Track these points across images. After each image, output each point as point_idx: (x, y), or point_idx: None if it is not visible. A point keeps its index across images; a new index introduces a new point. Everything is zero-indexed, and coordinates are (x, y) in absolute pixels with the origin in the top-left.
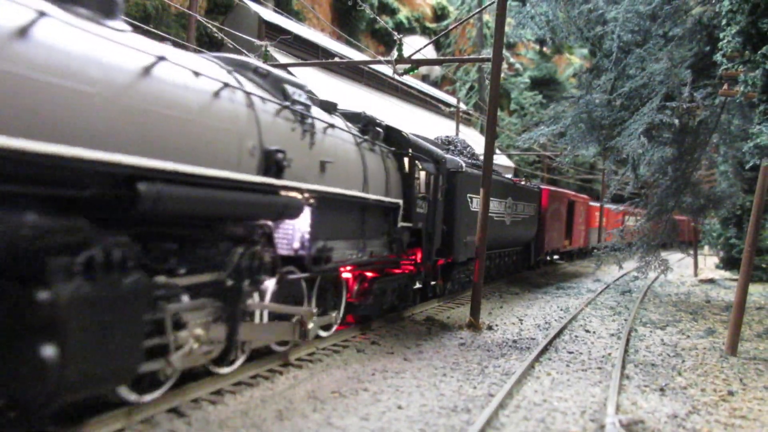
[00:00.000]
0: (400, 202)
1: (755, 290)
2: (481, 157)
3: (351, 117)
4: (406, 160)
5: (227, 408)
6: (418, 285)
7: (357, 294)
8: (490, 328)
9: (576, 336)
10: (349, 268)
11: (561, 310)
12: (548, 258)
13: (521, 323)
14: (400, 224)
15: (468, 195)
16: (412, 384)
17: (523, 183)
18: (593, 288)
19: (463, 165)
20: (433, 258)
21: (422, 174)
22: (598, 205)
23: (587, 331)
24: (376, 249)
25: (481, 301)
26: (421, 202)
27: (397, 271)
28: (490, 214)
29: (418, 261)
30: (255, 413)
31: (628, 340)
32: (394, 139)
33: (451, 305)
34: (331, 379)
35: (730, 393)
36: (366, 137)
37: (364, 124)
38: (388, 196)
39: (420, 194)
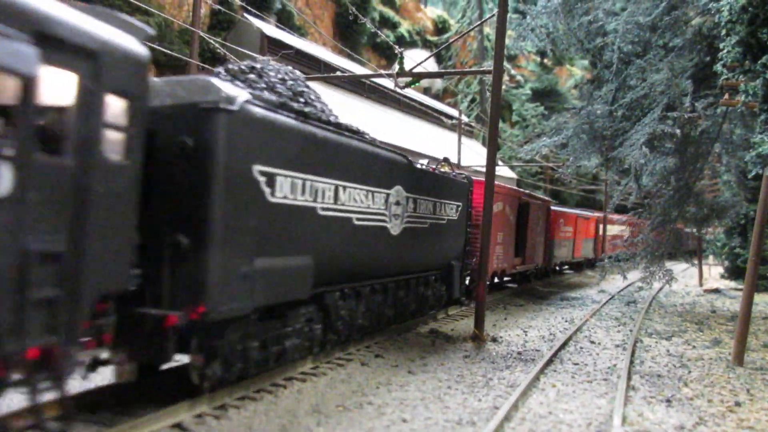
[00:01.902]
0: None
1: (761, 300)
2: (317, 104)
3: None
4: None
5: (231, 422)
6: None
7: None
8: (494, 340)
9: (581, 347)
10: None
11: (566, 321)
12: (492, 281)
13: (526, 335)
14: None
15: (258, 168)
16: (417, 397)
17: (445, 170)
18: (598, 299)
19: (237, 98)
20: (85, 315)
21: None
22: (565, 210)
23: (592, 342)
24: None
25: (485, 314)
26: None
27: None
28: (344, 215)
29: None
30: (259, 428)
31: (633, 351)
32: None
33: (455, 317)
34: (335, 393)
35: (737, 404)
36: None
37: None
38: None
39: None
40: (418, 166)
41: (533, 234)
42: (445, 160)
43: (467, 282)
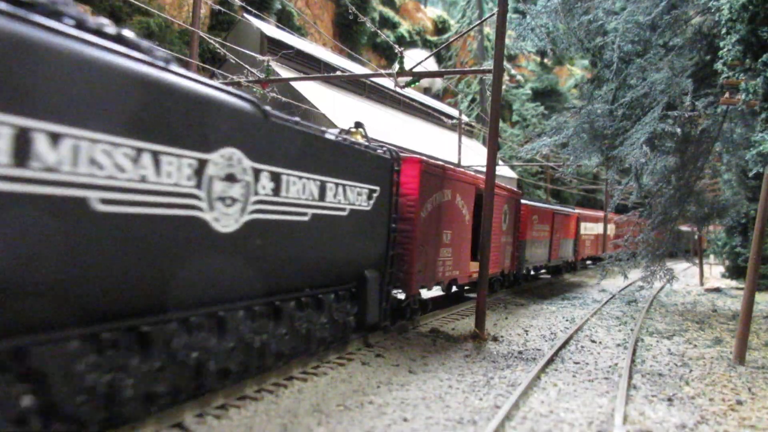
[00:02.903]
0: None
1: (762, 299)
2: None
3: None
4: None
5: (231, 422)
6: None
7: None
8: (495, 339)
9: (582, 346)
10: None
11: (566, 320)
12: (449, 291)
13: (527, 334)
14: None
15: None
16: (418, 396)
17: (352, 140)
18: (598, 298)
19: None
20: None
21: None
22: (540, 205)
23: (593, 341)
24: None
25: (485, 313)
26: None
27: None
28: (63, 192)
29: None
30: (259, 428)
31: (634, 350)
32: None
33: (456, 317)
34: (336, 392)
35: (739, 402)
36: None
37: None
38: None
39: None
40: (290, 124)
41: (497, 232)
42: (357, 125)
43: (401, 298)
